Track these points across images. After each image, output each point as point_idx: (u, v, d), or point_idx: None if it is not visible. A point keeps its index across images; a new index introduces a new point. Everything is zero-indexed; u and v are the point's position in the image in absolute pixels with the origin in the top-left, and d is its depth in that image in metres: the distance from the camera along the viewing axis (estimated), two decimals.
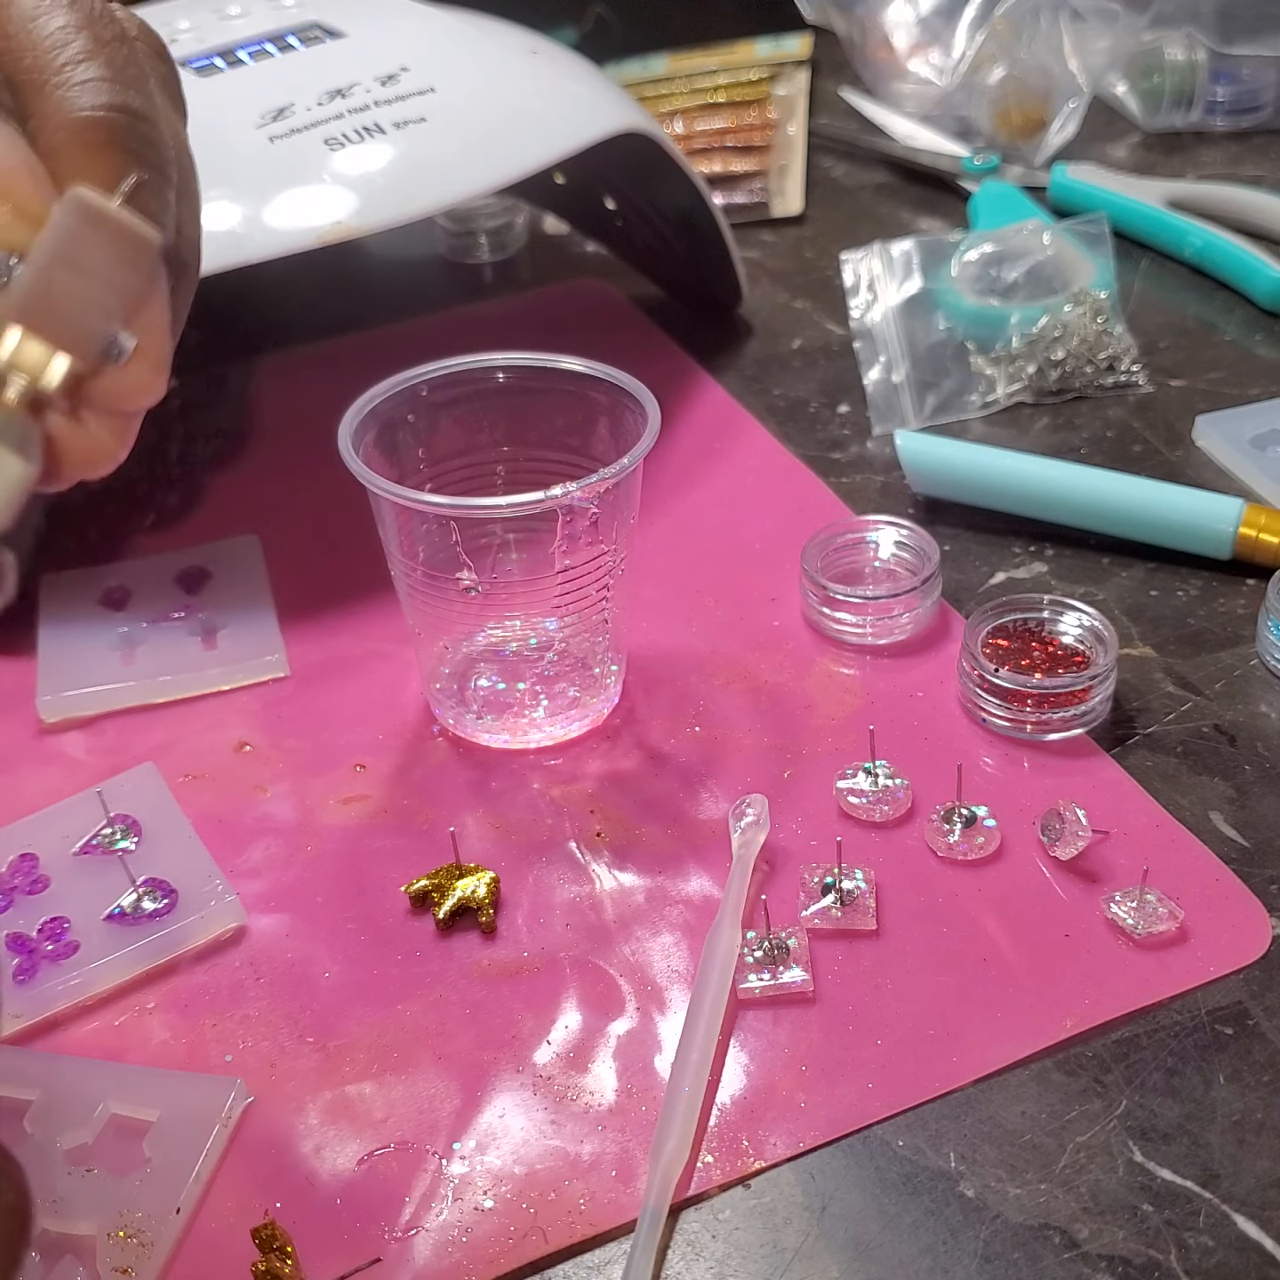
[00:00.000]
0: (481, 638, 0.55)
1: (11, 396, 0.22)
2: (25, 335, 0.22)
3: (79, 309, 0.22)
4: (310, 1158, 0.42)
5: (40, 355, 0.22)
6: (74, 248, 0.22)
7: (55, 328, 0.22)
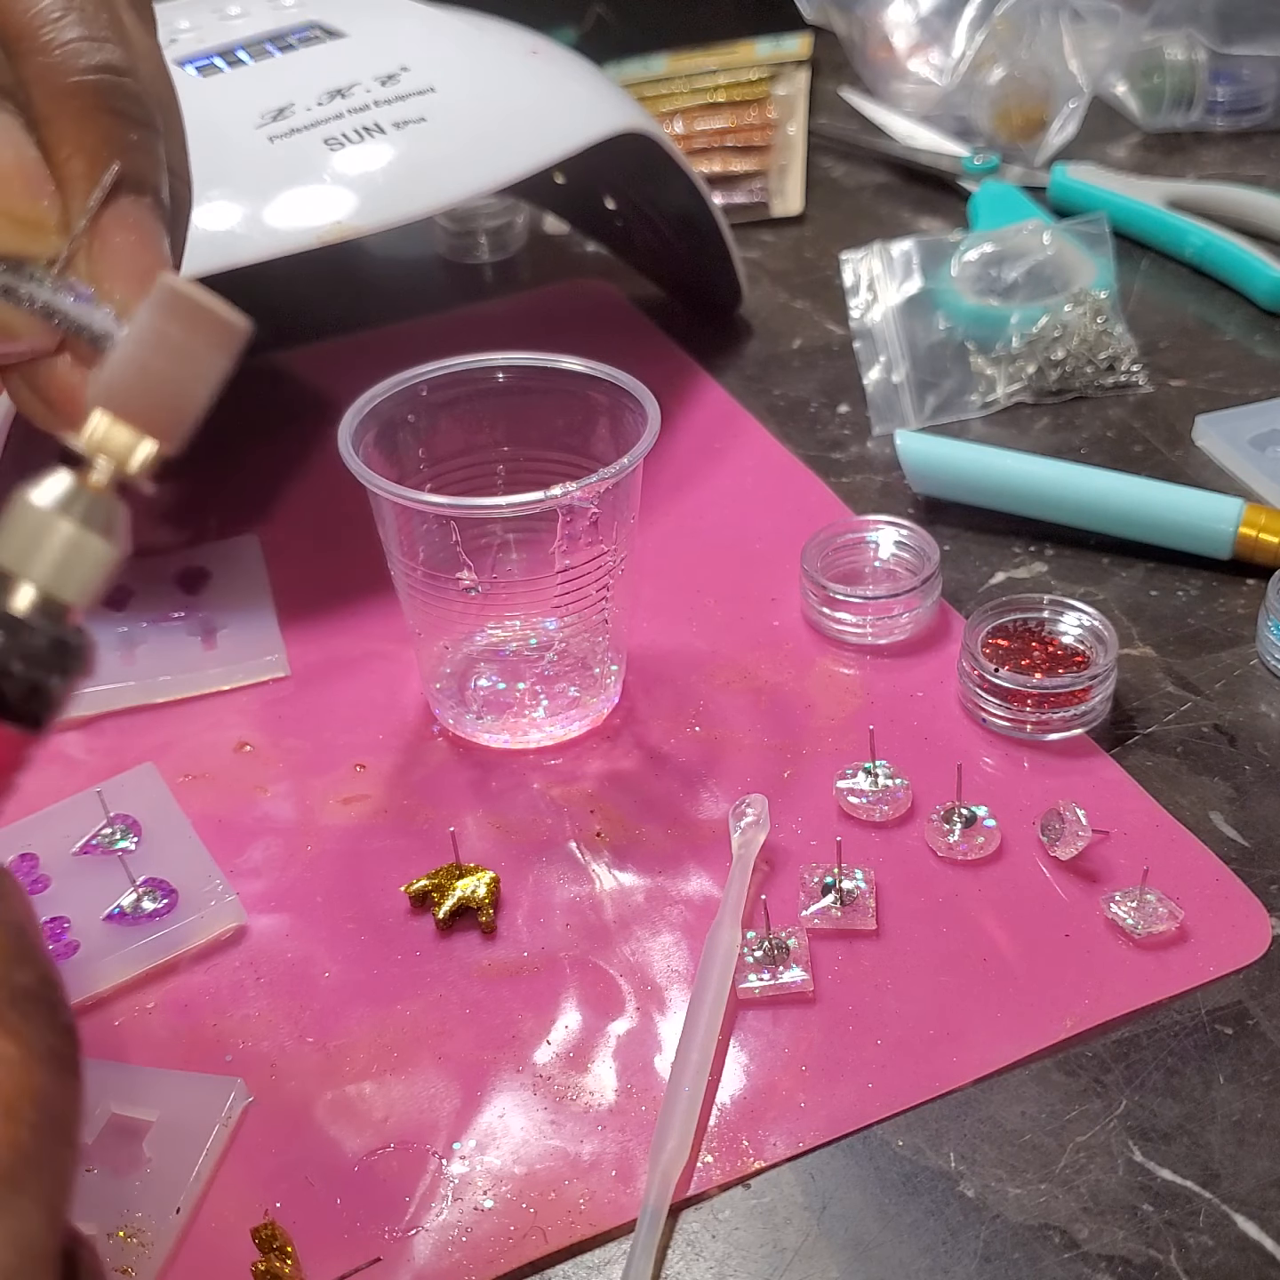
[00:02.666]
0: (481, 638, 0.55)
1: (99, 480, 0.23)
2: (112, 420, 0.23)
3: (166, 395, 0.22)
4: (310, 1158, 0.42)
5: (127, 440, 0.23)
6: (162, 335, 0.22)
7: (142, 413, 0.22)
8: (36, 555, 0.22)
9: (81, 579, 0.23)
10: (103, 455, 0.23)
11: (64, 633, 0.22)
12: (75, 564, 0.22)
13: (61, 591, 0.22)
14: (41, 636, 0.22)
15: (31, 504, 0.22)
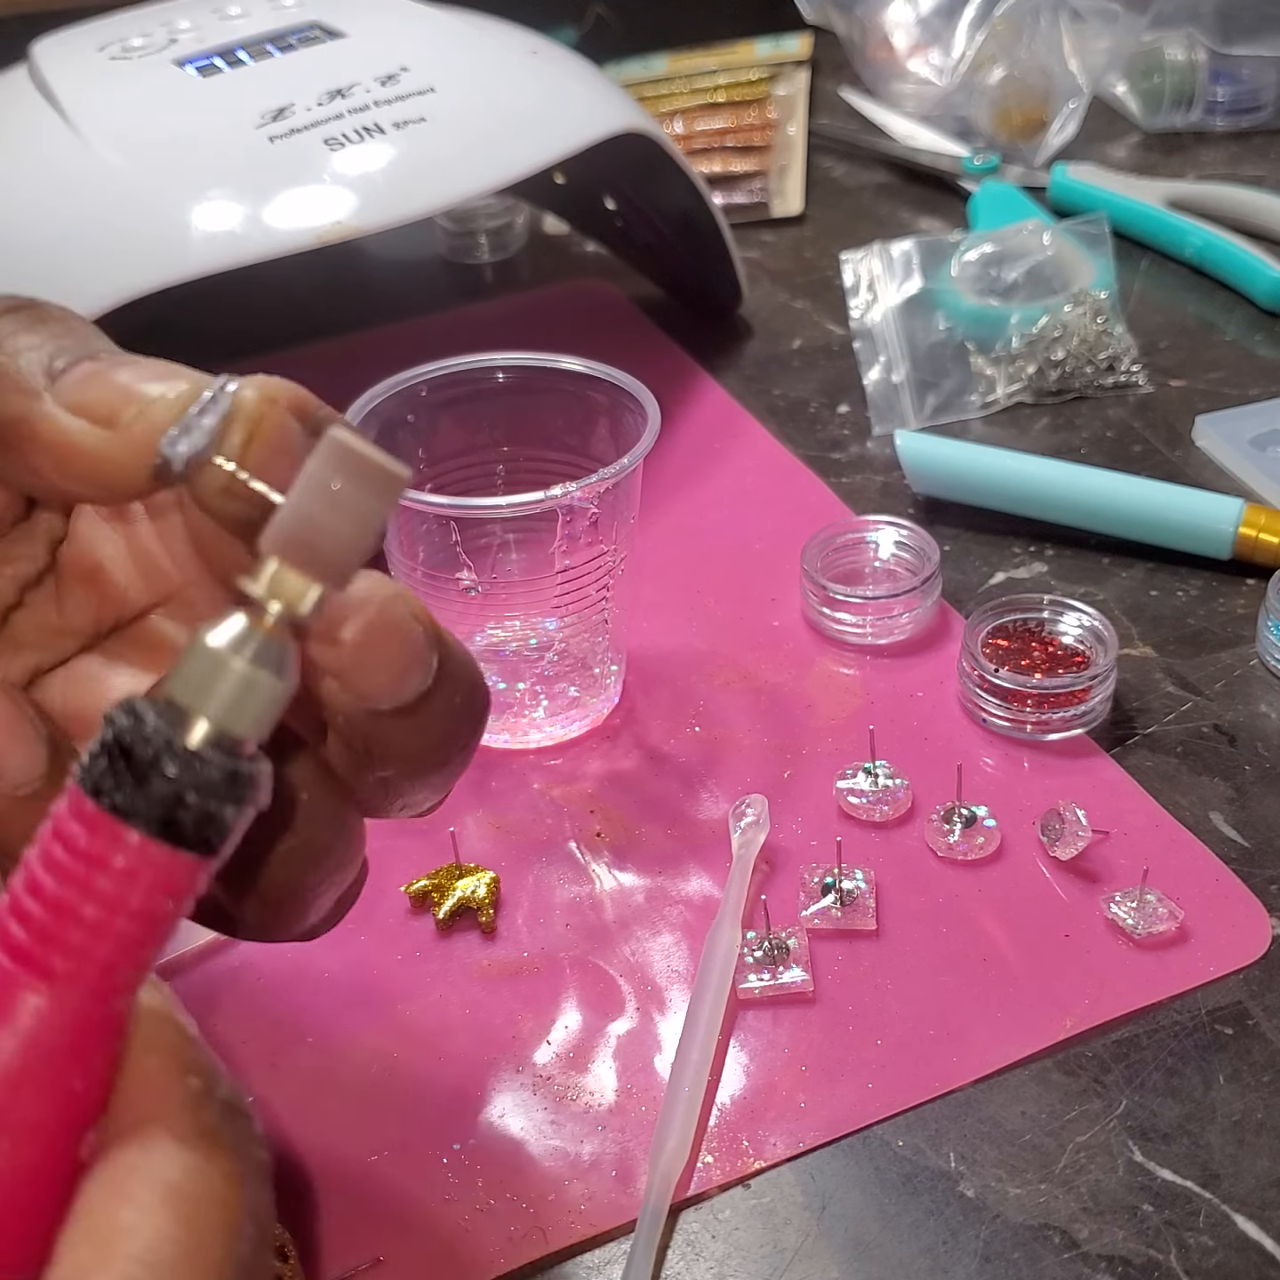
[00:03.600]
0: (481, 638, 0.55)
1: (269, 623, 0.24)
2: (282, 566, 0.24)
3: (332, 543, 0.24)
4: (310, 1158, 0.42)
5: (296, 584, 0.24)
6: (328, 488, 0.24)
7: (310, 560, 0.24)
8: (211, 692, 0.24)
9: (253, 714, 0.24)
10: (276, 600, 0.24)
11: (237, 765, 0.24)
12: (247, 701, 0.24)
13: (234, 727, 0.24)
14: (215, 770, 0.24)
15: (207, 644, 0.24)
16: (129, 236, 0.57)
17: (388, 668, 0.27)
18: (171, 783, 0.23)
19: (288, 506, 0.24)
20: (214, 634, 0.24)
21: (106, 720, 0.24)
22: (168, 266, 0.55)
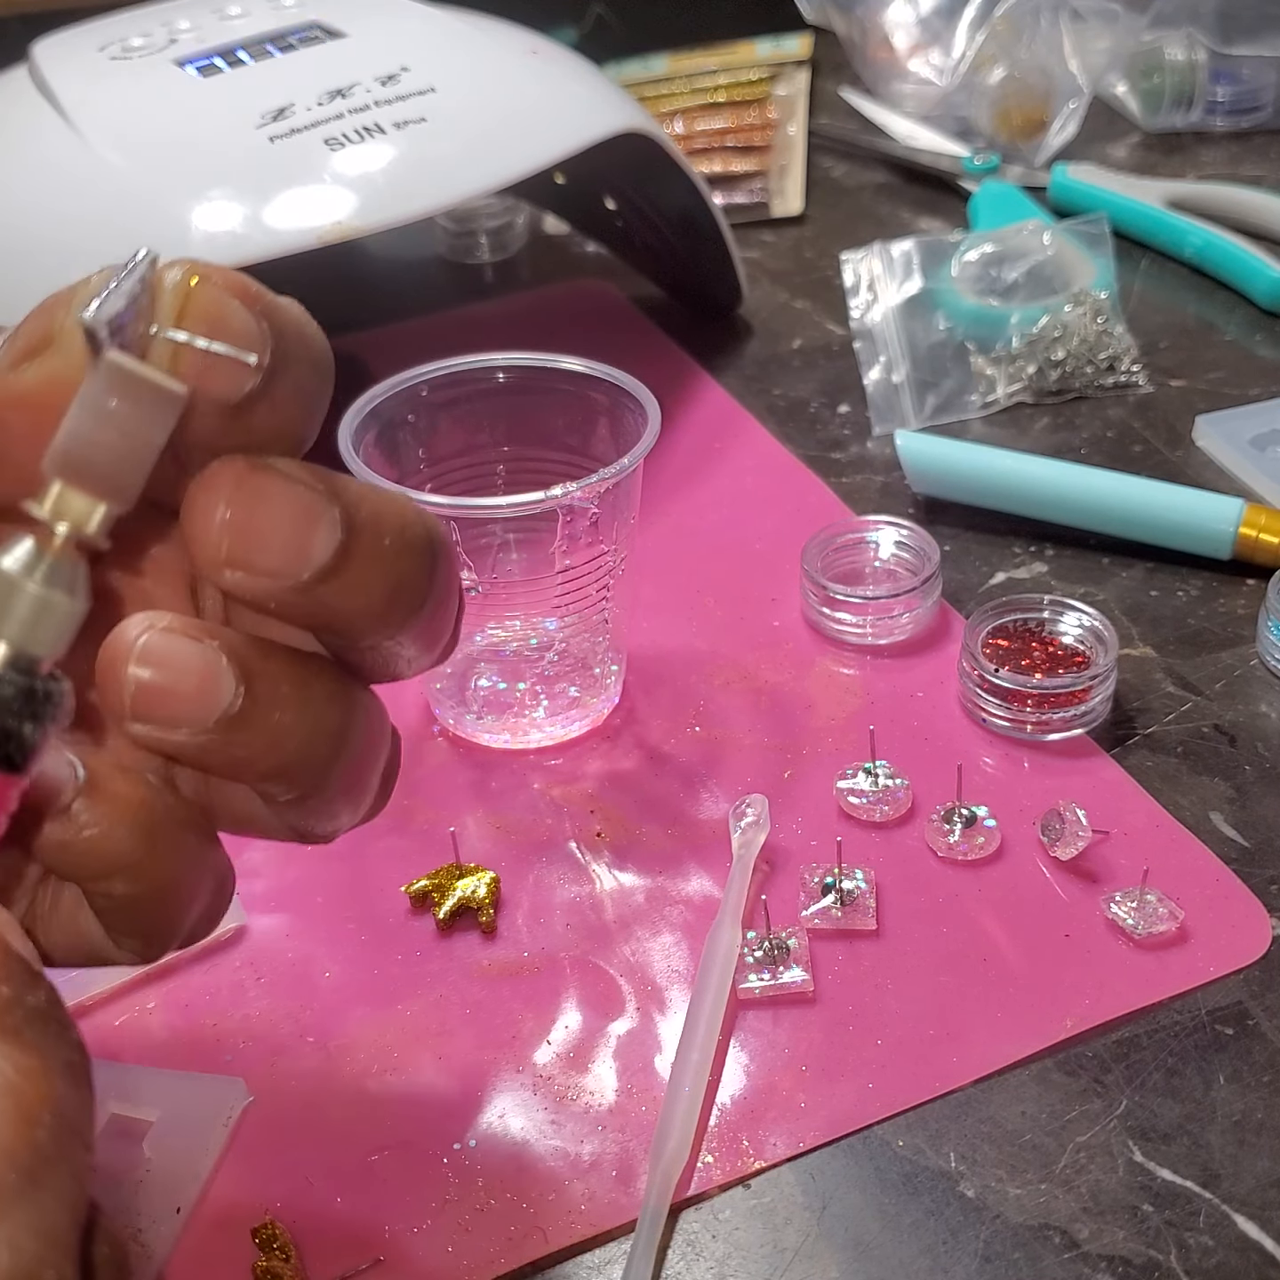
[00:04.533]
0: (481, 638, 0.55)
1: (58, 544, 0.25)
2: (65, 487, 0.24)
3: (114, 462, 0.24)
4: (310, 1158, 0.42)
5: (81, 504, 0.25)
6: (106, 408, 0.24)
7: (94, 480, 0.24)
8: (4, 615, 0.24)
9: (49, 634, 0.25)
10: (62, 520, 0.24)
11: (34, 682, 0.24)
12: (42, 621, 0.25)
13: (30, 646, 0.24)
14: (14, 688, 0.24)
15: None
16: (129, 236, 0.57)
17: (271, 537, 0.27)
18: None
19: (65, 428, 0.24)
20: (3, 559, 0.24)
21: None
22: None
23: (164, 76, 0.62)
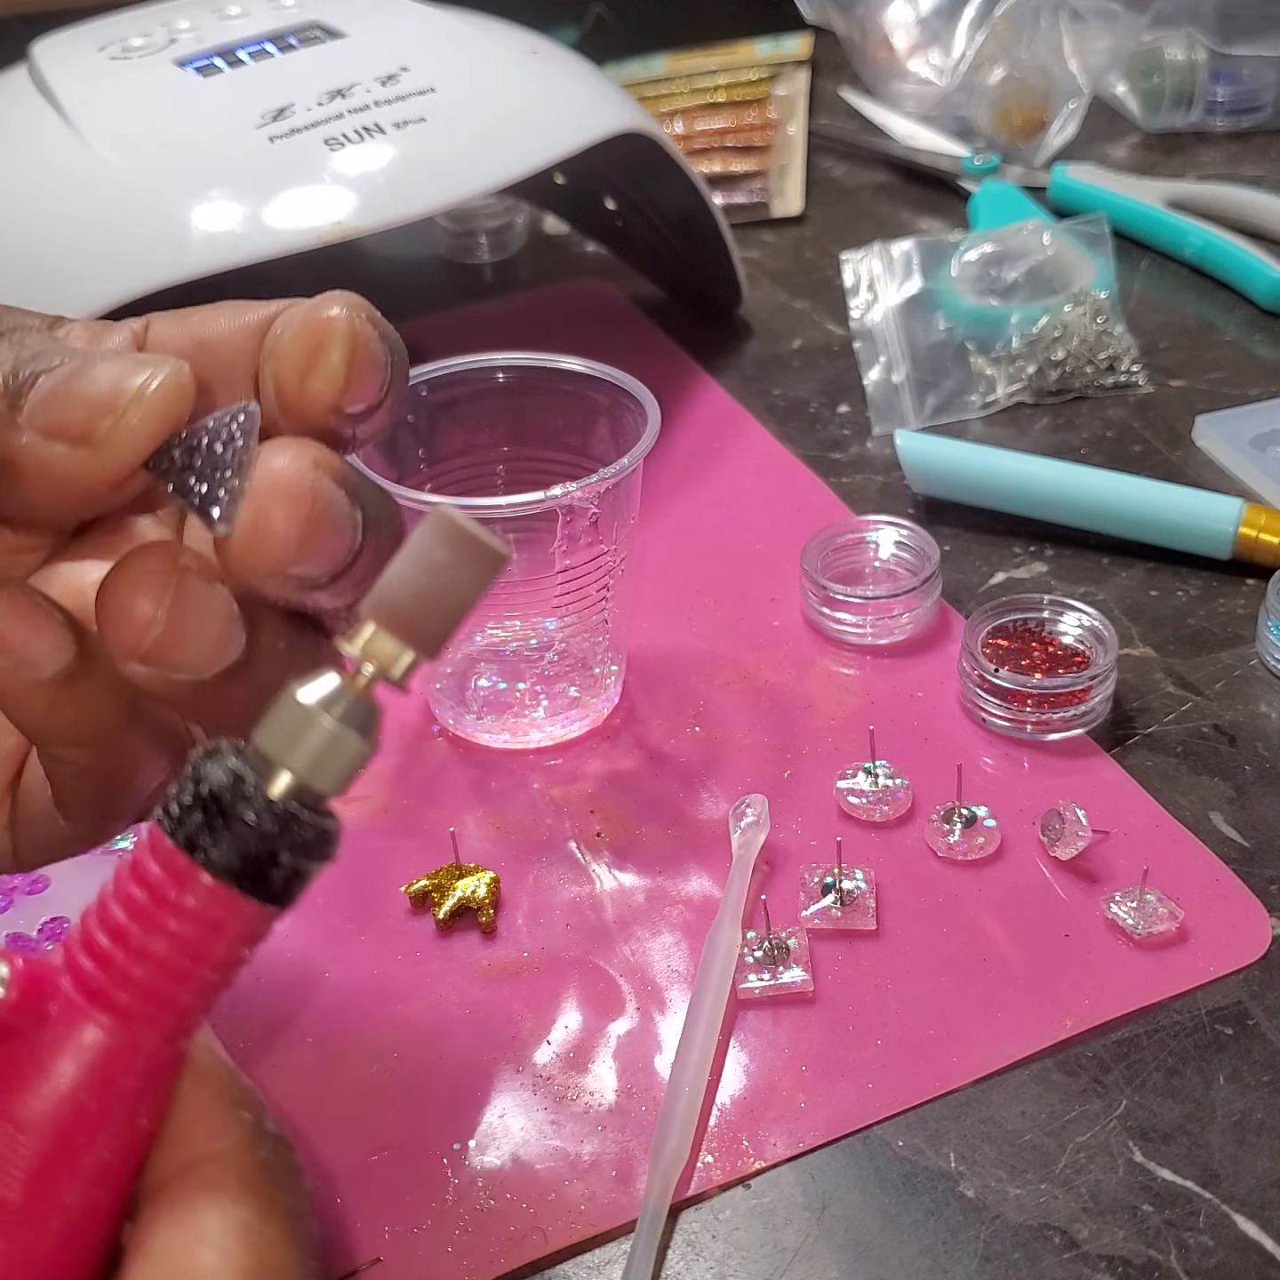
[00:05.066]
0: (481, 638, 0.55)
1: (361, 684, 0.25)
2: (379, 630, 0.25)
3: (431, 614, 0.25)
4: (310, 1158, 0.42)
5: (391, 649, 0.25)
6: (433, 560, 0.24)
7: (407, 627, 0.25)
8: (298, 747, 0.24)
9: (336, 771, 0.25)
10: (369, 662, 0.25)
11: (316, 819, 0.25)
12: (332, 757, 0.25)
13: (317, 782, 0.25)
14: (309, 829, 0.24)
15: (298, 700, 0.24)
16: (129, 236, 0.57)
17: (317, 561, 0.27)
18: (250, 830, 0.24)
19: (391, 573, 0.24)
20: (305, 690, 0.25)
21: (191, 762, 0.24)
22: (168, 266, 0.55)
23: (164, 76, 0.62)
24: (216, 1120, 0.25)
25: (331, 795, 0.25)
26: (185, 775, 0.24)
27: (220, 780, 0.24)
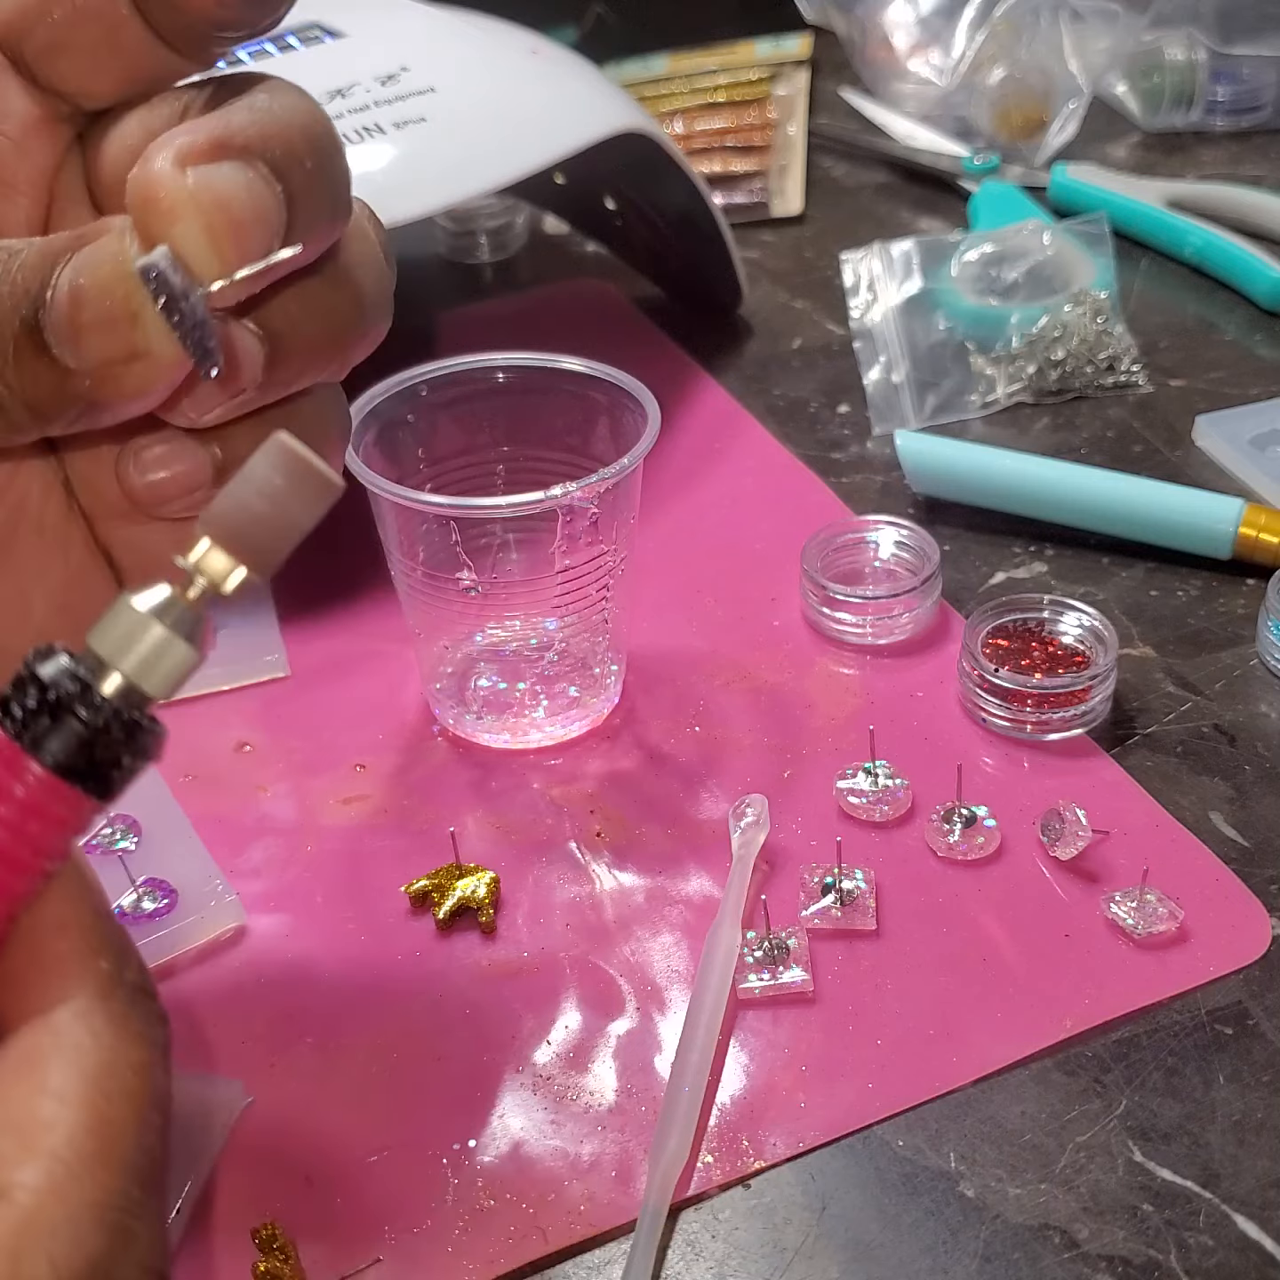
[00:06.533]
0: (481, 638, 0.55)
1: (192, 596, 0.26)
2: (213, 546, 0.26)
3: (264, 535, 0.26)
4: (310, 1158, 0.42)
5: (223, 565, 0.26)
6: (270, 485, 0.25)
7: (240, 546, 0.26)
8: (129, 650, 0.25)
9: (164, 676, 0.26)
10: (201, 575, 0.26)
11: (141, 718, 0.26)
12: (161, 662, 0.26)
13: (145, 684, 0.26)
14: (125, 718, 0.25)
15: (132, 606, 0.26)
16: None
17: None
18: (84, 727, 0.25)
19: (228, 494, 0.26)
20: (139, 598, 0.26)
21: (25, 661, 0.25)
22: None
23: None
24: (71, 970, 0.25)
25: (158, 698, 0.26)
26: (20, 674, 0.25)
27: (54, 678, 0.25)
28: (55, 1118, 0.23)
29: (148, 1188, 0.24)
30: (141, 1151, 0.24)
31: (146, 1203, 0.23)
